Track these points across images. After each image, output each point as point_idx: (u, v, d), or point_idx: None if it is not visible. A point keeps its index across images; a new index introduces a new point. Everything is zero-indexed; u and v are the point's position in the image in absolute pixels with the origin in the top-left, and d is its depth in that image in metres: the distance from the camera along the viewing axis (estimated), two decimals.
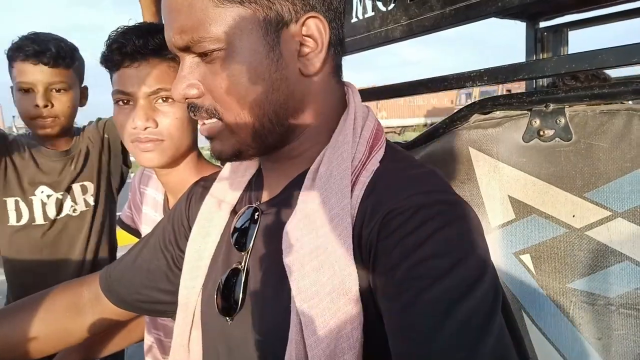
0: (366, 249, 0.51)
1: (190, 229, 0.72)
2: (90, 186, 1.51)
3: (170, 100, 0.93)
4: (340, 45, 0.61)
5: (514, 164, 0.70)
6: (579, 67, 0.64)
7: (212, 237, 0.67)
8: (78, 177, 1.49)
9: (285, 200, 0.60)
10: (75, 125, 1.55)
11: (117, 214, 1.49)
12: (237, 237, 0.63)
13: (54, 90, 1.37)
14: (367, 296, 0.51)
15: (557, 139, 0.66)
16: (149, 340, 1.12)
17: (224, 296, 0.61)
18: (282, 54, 0.54)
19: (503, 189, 0.71)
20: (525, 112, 0.69)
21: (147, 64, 0.90)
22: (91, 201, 1.51)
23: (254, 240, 0.61)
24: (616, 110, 0.61)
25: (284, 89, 0.55)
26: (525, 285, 0.69)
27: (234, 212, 0.67)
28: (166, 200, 1.11)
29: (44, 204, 1.45)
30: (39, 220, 1.45)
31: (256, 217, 0.62)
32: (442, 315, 0.44)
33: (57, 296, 0.80)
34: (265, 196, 0.65)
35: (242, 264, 0.61)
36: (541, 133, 0.67)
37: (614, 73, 1.59)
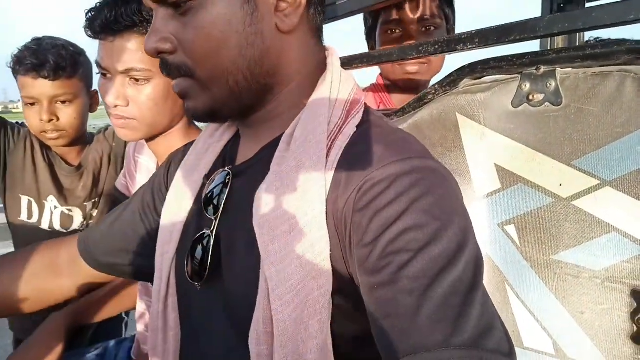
0: (341, 219, 0.49)
1: None
2: (99, 200, 1.52)
3: (143, 80, 0.88)
4: (321, 5, 0.58)
5: (502, 131, 0.66)
6: (572, 27, 0.60)
7: (185, 202, 0.66)
8: (90, 195, 1.49)
9: (258, 164, 0.58)
10: (89, 131, 1.52)
11: None
12: (208, 201, 0.62)
13: (58, 102, 1.32)
14: (339, 264, 0.49)
15: (546, 103, 0.62)
16: (141, 307, 1.13)
17: (193, 261, 0.60)
18: (257, 7, 0.52)
19: (490, 157, 0.68)
20: (516, 75, 0.66)
21: (122, 39, 0.86)
22: (95, 213, 1.52)
23: (224, 204, 0.60)
24: (608, 72, 0.57)
25: (259, 44, 0.53)
26: (509, 257, 0.66)
27: (207, 176, 0.65)
28: None
29: (51, 213, 1.45)
30: (44, 226, 1.44)
31: (227, 180, 0.60)
32: (425, 289, 0.42)
33: (36, 256, 0.80)
34: (239, 160, 0.63)
35: (212, 228, 0.60)
36: (531, 98, 0.64)
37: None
